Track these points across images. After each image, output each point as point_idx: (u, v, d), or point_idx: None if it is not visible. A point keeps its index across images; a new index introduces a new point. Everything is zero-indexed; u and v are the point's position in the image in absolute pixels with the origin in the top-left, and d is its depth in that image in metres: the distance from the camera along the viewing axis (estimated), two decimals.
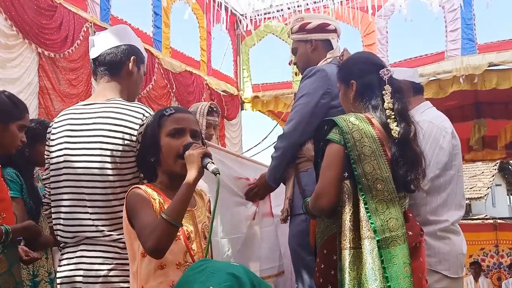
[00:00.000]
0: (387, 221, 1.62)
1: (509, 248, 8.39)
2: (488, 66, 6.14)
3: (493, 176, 17.80)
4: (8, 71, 4.31)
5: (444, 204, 2.12)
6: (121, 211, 1.66)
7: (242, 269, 1.04)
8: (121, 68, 1.85)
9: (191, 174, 1.40)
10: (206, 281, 1.01)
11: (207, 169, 1.40)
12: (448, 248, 2.09)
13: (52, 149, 1.82)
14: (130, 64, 1.86)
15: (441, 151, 2.13)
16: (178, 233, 1.44)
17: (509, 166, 19.08)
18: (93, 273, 1.67)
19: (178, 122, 1.55)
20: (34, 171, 2.62)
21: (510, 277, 8.05)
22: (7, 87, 4.27)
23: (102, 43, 1.88)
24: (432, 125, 2.16)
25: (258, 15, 7.50)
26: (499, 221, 9.10)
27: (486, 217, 11.85)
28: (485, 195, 17.01)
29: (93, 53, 1.89)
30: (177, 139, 1.53)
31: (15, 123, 2.02)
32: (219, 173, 1.39)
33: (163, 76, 6.24)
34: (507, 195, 21.98)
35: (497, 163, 16.46)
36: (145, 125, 1.66)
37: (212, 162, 1.42)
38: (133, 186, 1.53)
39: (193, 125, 1.57)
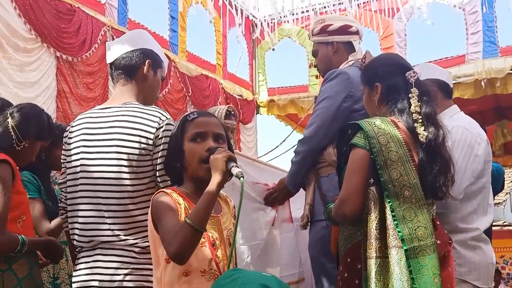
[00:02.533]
0: (415, 229, 1.56)
1: None
2: (511, 70, 6.02)
3: None
4: (26, 75, 4.35)
5: (474, 212, 2.06)
6: (138, 215, 1.66)
7: (275, 280, 0.99)
8: (136, 71, 1.85)
9: (215, 178, 1.38)
10: None
11: (231, 173, 1.38)
12: (478, 257, 2.03)
13: (69, 153, 1.81)
14: (145, 68, 1.85)
15: (476, 159, 2.06)
16: (203, 240, 1.41)
17: None
18: (108, 277, 1.65)
19: (199, 126, 1.53)
20: (51, 175, 2.61)
21: None
22: (25, 91, 4.33)
23: (118, 48, 1.88)
24: (467, 131, 2.08)
25: (273, 19, 7.47)
26: None
27: (505, 223, 11.58)
28: (504, 201, 16.66)
29: (109, 58, 1.90)
30: (199, 144, 1.51)
31: (41, 142, 2.10)
32: (243, 177, 1.36)
33: (179, 79, 6.25)
34: None
35: None
36: (165, 130, 1.65)
37: (237, 166, 1.39)
38: (159, 190, 1.51)
39: (215, 129, 1.55)
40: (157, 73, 1.90)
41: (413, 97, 1.71)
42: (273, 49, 7.89)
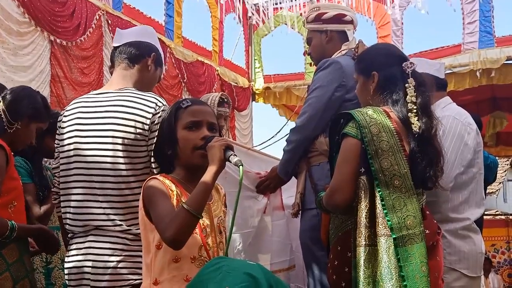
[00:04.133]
0: (404, 218, 1.58)
1: None
2: (506, 60, 6.02)
3: (505, 171, 17.59)
4: (20, 59, 4.32)
5: (465, 201, 2.08)
6: (134, 200, 1.66)
7: (259, 268, 1.00)
8: (140, 60, 1.87)
9: (212, 166, 1.38)
10: (222, 281, 0.97)
11: (230, 161, 1.38)
12: (468, 247, 2.07)
13: (62, 137, 1.81)
14: (150, 59, 1.88)
15: (465, 148, 2.08)
16: None
17: None
18: (101, 264, 1.66)
19: (195, 114, 1.52)
20: (43, 161, 2.61)
21: None
22: (19, 75, 4.29)
23: (128, 35, 1.93)
24: (457, 121, 2.11)
25: (267, 7, 7.39)
26: (511, 217, 9.01)
27: (497, 212, 11.72)
28: (497, 190, 16.83)
29: (117, 42, 1.92)
30: (194, 132, 1.50)
31: (36, 124, 2.06)
32: (242, 165, 1.36)
33: (175, 65, 6.21)
34: None
35: (510, 158, 16.24)
36: (161, 117, 1.64)
37: (235, 154, 1.40)
38: (151, 177, 1.51)
39: (210, 118, 1.55)
40: (157, 69, 1.93)
41: (410, 87, 1.71)
42: (270, 28, 7.78)
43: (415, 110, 1.68)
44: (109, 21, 5.18)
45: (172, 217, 1.33)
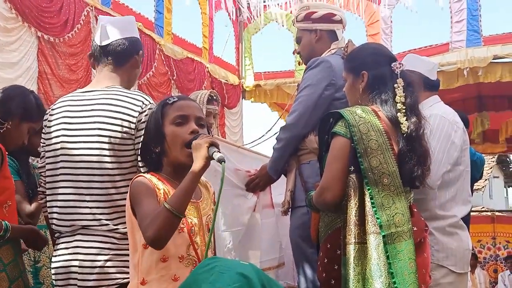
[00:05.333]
0: (393, 216, 1.60)
1: (506, 240, 8.43)
2: (493, 59, 6.09)
3: (491, 168, 17.85)
4: (7, 55, 4.26)
5: (452, 199, 2.12)
6: (120, 199, 1.65)
7: (252, 268, 1.00)
8: (128, 60, 1.85)
9: (196, 164, 1.36)
10: (215, 281, 0.97)
11: (213, 158, 1.37)
12: (456, 243, 2.10)
13: (49, 136, 1.80)
14: (138, 58, 1.87)
15: (452, 146, 2.11)
16: (182, 226, 1.41)
17: (507, 159, 19.14)
18: (88, 263, 1.65)
19: (182, 109, 1.50)
20: (30, 159, 2.58)
21: (506, 270, 8.10)
22: (5, 71, 4.24)
23: (112, 32, 1.87)
24: (444, 119, 2.14)
25: (257, 4, 7.39)
26: (497, 213, 9.14)
27: (483, 209, 11.90)
28: (483, 187, 17.07)
29: (101, 40, 1.86)
30: (182, 127, 1.48)
31: (28, 124, 2.03)
32: (224, 161, 1.35)
33: (164, 63, 6.17)
34: (504, 187, 22.16)
35: (495, 155, 16.49)
36: (148, 114, 1.63)
37: (219, 151, 1.38)
38: (138, 175, 1.49)
39: (197, 112, 1.53)
40: (140, 64, 1.93)
41: (399, 87, 1.73)
42: (260, 26, 7.78)
43: (403, 110, 1.70)
44: (98, 17, 5.12)
45: (153, 217, 1.31)
